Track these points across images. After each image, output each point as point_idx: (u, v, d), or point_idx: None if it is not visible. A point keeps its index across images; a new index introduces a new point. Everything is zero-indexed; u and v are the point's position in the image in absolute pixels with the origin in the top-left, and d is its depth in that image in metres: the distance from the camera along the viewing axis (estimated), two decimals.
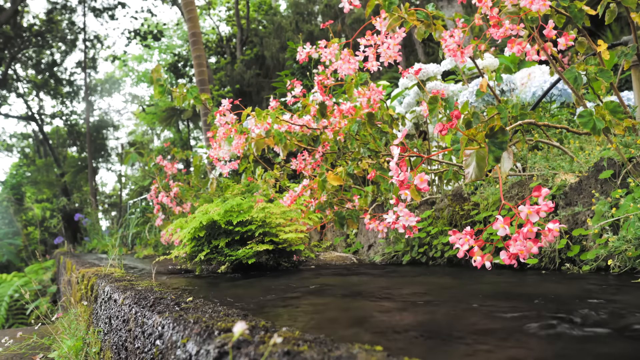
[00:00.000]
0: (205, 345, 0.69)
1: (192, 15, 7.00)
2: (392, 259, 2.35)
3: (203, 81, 6.70)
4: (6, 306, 6.73)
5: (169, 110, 14.36)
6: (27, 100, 17.37)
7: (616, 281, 1.26)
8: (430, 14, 1.75)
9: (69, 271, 3.61)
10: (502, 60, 3.56)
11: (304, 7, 15.17)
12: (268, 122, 2.21)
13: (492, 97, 2.89)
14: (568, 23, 1.67)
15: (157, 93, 2.51)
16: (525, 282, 1.39)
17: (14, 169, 19.05)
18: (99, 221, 9.77)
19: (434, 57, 10.99)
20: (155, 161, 4.23)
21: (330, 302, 1.16)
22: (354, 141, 2.29)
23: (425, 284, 1.48)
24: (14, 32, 14.71)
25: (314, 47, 2.08)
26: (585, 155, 1.83)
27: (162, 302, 1.07)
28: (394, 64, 1.85)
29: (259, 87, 14.39)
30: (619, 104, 1.42)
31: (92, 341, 1.64)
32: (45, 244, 13.64)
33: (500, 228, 1.01)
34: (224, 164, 2.51)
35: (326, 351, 0.58)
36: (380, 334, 0.81)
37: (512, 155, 1.10)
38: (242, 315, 0.88)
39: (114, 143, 21.43)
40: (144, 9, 21.84)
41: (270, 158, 3.11)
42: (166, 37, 21.89)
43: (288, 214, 2.21)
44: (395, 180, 1.16)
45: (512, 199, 1.86)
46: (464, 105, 1.83)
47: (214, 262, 2.14)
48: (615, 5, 1.65)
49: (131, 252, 5.49)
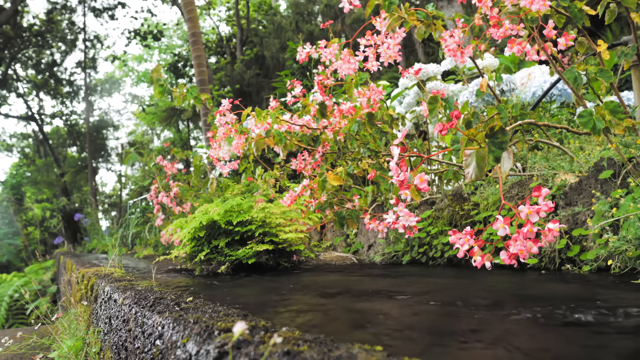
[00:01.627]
0: (205, 345, 0.69)
1: (192, 15, 7.00)
2: (392, 259, 2.35)
3: (203, 81, 6.70)
4: (6, 306, 6.73)
5: (169, 110, 14.36)
6: (27, 100, 17.37)
7: (616, 281, 1.26)
8: (430, 14, 1.75)
9: (69, 271, 3.60)
10: (502, 60, 3.56)
11: (304, 7, 15.16)
12: (268, 122, 2.21)
13: (492, 97, 2.89)
14: (568, 23, 1.67)
15: (157, 93, 2.51)
16: (525, 282, 1.39)
17: (14, 169, 19.06)
18: (99, 221, 9.77)
19: (434, 57, 10.98)
20: (155, 161, 4.23)
21: (330, 302, 1.16)
22: (354, 141, 2.29)
23: (426, 284, 1.48)
24: (14, 32, 14.70)
25: (314, 47, 2.08)
26: (585, 155, 1.83)
27: (162, 302, 1.07)
28: (394, 64, 1.85)
29: (259, 87, 14.39)
30: (619, 104, 1.42)
31: (92, 341, 1.64)
32: (45, 244, 13.64)
33: (500, 228, 1.01)
34: (224, 164, 2.51)
35: (326, 351, 0.58)
36: (380, 333, 0.81)
37: (512, 155, 1.10)
38: (242, 315, 0.88)
39: (114, 143, 21.44)
40: (144, 9, 21.85)
41: (270, 158, 3.11)
42: (166, 37, 21.89)
43: (288, 214, 2.21)
44: (395, 180, 1.16)
45: (512, 199, 1.86)
46: (464, 105, 1.83)
47: (214, 262, 2.14)
48: (615, 5, 1.65)
49: (131, 252, 5.49)
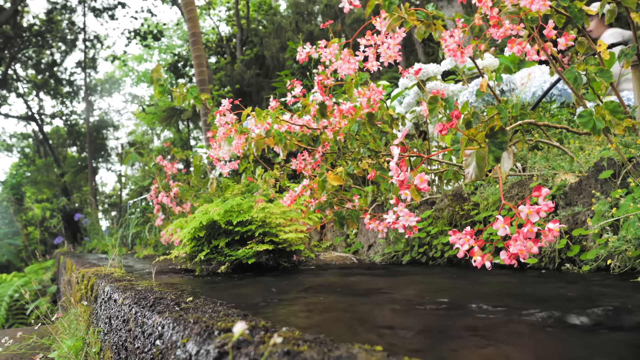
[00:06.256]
0: (205, 345, 0.69)
1: (192, 15, 7.00)
2: (392, 259, 2.35)
3: (203, 81, 6.70)
4: (6, 306, 6.73)
5: (169, 110, 14.36)
6: (27, 100, 17.37)
7: (616, 281, 1.26)
8: (430, 14, 1.75)
9: (69, 271, 3.60)
10: (502, 60, 3.55)
11: (304, 7, 15.16)
12: (268, 122, 2.21)
13: (492, 97, 2.89)
14: (568, 23, 1.67)
15: (157, 93, 2.51)
16: (525, 281, 1.39)
17: (14, 169, 19.06)
18: (99, 221, 9.76)
19: (434, 57, 10.98)
20: (155, 161, 4.23)
21: (330, 302, 1.16)
22: (354, 141, 2.29)
23: (425, 284, 1.48)
24: (14, 32, 14.70)
25: (314, 47, 2.08)
26: (585, 155, 1.83)
27: (162, 302, 1.07)
28: (394, 64, 1.85)
29: (259, 87, 14.39)
30: (619, 104, 1.42)
31: (92, 341, 1.64)
32: (45, 244, 13.64)
33: (500, 228, 1.01)
34: (224, 164, 2.51)
35: (326, 351, 0.58)
36: (380, 333, 0.81)
37: (512, 155, 1.10)
38: (242, 315, 0.88)
39: (114, 143, 21.44)
40: (144, 9, 21.84)
41: (270, 158, 3.10)
42: (166, 37, 21.89)
43: (288, 214, 2.20)
44: (395, 180, 1.16)
45: (512, 199, 1.86)
46: (464, 105, 1.83)
47: (214, 262, 2.14)
48: (615, 5, 1.65)
49: (131, 252, 5.49)
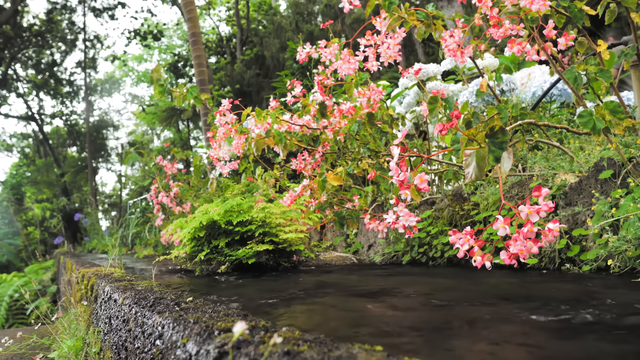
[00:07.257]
0: (205, 345, 0.69)
1: (192, 15, 7.00)
2: (392, 259, 2.35)
3: (203, 81, 6.70)
4: (6, 306, 6.73)
5: (169, 110, 14.36)
6: (27, 100, 17.38)
7: (616, 281, 1.26)
8: (430, 14, 1.75)
9: (69, 271, 3.60)
10: (502, 60, 3.55)
11: (304, 7, 15.16)
12: (268, 122, 2.21)
13: (492, 97, 2.89)
14: (568, 23, 1.67)
15: (157, 93, 2.51)
16: (525, 281, 1.39)
17: (14, 169, 19.06)
18: (99, 221, 9.77)
19: (434, 57, 10.98)
20: (155, 161, 4.23)
21: (330, 302, 1.16)
22: (354, 141, 2.29)
23: (426, 283, 1.48)
24: (14, 32, 14.70)
25: (314, 47, 2.08)
26: (585, 155, 1.83)
27: (162, 302, 1.07)
28: (394, 64, 1.85)
29: (259, 87, 14.39)
30: (619, 104, 1.42)
31: (92, 341, 1.64)
32: (45, 244, 13.64)
33: (500, 228, 1.01)
34: (224, 164, 2.51)
35: (326, 351, 0.58)
36: (380, 333, 0.81)
37: (512, 155, 1.10)
38: (242, 315, 0.88)
39: (114, 143, 21.46)
40: (144, 9, 21.85)
41: (270, 158, 3.10)
42: (166, 37, 21.89)
43: (288, 214, 2.20)
44: (395, 180, 1.16)
45: (512, 199, 1.86)
46: (464, 105, 1.83)
47: (214, 262, 2.14)
48: (615, 5, 1.65)
49: (131, 252, 5.49)
